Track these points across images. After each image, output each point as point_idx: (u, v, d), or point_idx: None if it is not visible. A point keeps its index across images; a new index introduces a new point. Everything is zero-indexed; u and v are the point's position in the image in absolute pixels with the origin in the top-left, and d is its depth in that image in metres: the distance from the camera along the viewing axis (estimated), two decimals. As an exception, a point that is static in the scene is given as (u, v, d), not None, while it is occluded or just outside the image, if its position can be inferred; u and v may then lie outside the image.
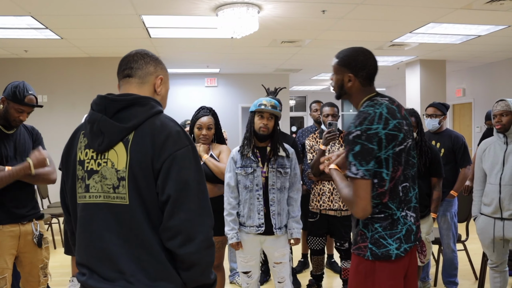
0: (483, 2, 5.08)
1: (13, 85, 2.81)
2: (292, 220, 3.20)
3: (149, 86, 1.68)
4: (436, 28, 6.37)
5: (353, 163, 1.97)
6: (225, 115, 10.12)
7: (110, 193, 1.54)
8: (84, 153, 1.61)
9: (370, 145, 1.96)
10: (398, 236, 2.05)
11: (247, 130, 3.18)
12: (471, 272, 4.65)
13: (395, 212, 2.06)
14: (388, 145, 1.99)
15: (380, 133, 1.98)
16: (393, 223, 2.05)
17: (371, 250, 2.06)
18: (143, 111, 1.56)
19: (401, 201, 2.07)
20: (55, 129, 7.17)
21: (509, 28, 6.37)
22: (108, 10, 5.27)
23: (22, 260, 2.91)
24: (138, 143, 1.52)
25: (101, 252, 1.54)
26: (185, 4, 5.11)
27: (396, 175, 2.04)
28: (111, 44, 7.27)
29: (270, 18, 5.69)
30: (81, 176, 1.60)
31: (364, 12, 5.45)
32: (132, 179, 1.51)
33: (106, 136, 1.54)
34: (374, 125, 1.98)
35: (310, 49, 7.83)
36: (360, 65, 2.13)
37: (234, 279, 4.56)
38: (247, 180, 3.10)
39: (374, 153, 1.97)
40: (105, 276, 1.53)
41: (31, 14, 5.36)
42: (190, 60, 9.19)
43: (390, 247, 2.05)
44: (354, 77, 2.12)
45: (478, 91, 10.08)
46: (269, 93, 4.51)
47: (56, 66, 8.22)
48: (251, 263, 3.19)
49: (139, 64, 1.67)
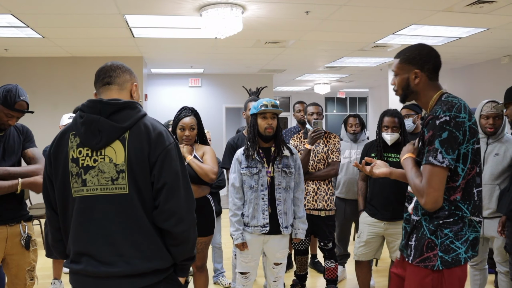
0: (464, 4, 5.16)
1: (5, 88, 2.73)
2: (299, 221, 3.24)
3: (126, 92, 1.91)
4: (418, 30, 6.45)
5: (439, 150, 1.85)
6: (209, 116, 10.10)
7: (108, 185, 1.75)
8: (78, 151, 1.79)
9: (458, 133, 1.86)
10: (465, 239, 1.93)
11: (250, 133, 3.18)
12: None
13: (467, 215, 1.95)
14: (470, 138, 1.91)
15: (466, 124, 1.89)
16: (464, 226, 1.94)
17: (442, 258, 1.92)
18: (133, 113, 1.80)
19: (475, 206, 1.96)
20: (37, 129, 7.00)
21: (488, 31, 6.48)
22: (91, 9, 5.21)
23: (9, 262, 2.85)
24: (134, 140, 1.76)
25: (102, 239, 1.74)
26: (169, 4, 5.08)
27: (471, 174, 1.94)
28: (94, 44, 7.20)
29: (254, 19, 5.70)
30: (76, 172, 1.78)
31: (348, 13, 5.49)
32: (130, 171, 1.75)
33: (104, 135, 1.75)
34: (462, 113, 1.89)
35: (294, 50, 7.86)
36: (424, 58, 2.02)
37: (218, 279, 4.56)
38: (252, 180, 3.11)
39: (459, 143, 1.87)
40: (106, 260, 1.73)
41: (11, 12, 5.27)
42: (173, 60, 9.14)
43: (459, 251, 1.92)
44: (421, 72, 2.03)
45: (459, 92, 10.21)
46: (251, 94, 4.52)
47: (37, 65, 8.11)
48: (251, 263, 3.20)
49: (117, 73, 1.90)
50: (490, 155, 3.30)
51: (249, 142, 3.18)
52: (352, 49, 7.93)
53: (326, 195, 3.86)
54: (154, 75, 10.65)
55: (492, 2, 5.05)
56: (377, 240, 3.69)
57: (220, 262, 4.64)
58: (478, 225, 1.98)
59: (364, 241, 3.65)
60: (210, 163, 3.29)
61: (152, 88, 10.45)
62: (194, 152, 3.37)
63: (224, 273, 4.63)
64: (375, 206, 3.65)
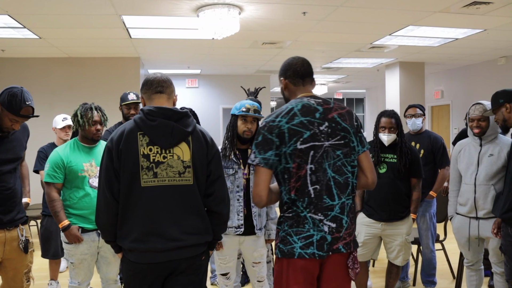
0: (460, 6, 5.17)
1: (10, 92, 2.60)
2: (271, 222, 3.27)
3: (171, 101, 2.33)
4: (415, 31, 6.46)
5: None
6: (206, 116, 10.08)
7: (176, 177, 2.20)
8: (148, 149, 2.19)
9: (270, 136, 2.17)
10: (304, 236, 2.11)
11: (229, 132, 3.18)
12: (449, 271, 4.72)
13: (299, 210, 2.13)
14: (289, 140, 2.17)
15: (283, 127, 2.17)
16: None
17: (279, 247, 2.15)
18: (191, 121, 2.27)
19: (311, 202, 2.11)
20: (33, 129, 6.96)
21: (484, 32, 6.50)
22: (88, 9, 5.21)
23: (6, 265, 2.81)
24: (196, 142, 2.25)
25: (171, 219, 2.18)
26: (166, 5, 5.08)
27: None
28: (91, 44, 7.19)
29: (251, 20, 5.70)
30: (147, 166, 2.17)
31: (344, 14, 5.50)
32: (194, 167, 2.23)
33: (175, 137, 2.20)
34: (278, 118, 2.19)
35: (291, 51, 7.86)
36: (285, 67, 2.42)
37: (215, 280, 4.55)
38: (228, 181, 3.10)
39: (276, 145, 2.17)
40: (173, 237, 2.17)
41: (8, 13, 5.26)
42: (171, 61, 9.14)
43: (294, 245, 2.11)
44: (284, 80, 2.38)
45: (456, 93, 10.26)
46: (249, 94, 4.51)
47: (34, 66, 8.08)
48: (229, 264, 3.20)
49: (167, 84, 2.31)
50: (484, 156, 3.32)
51: (226, 142, 3.17)
52: (349, 50, 7.95)
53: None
54: (151, 75, 10.62)
55: (488, 3, 5.06)
56: (374, 241, 3.69)
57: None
58: (320, 223, 2.12)
59: (362, 241, 3.65)
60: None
61: (149, 89, 10.41)
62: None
63: (221, 274, 4.62)
64: (372, 206, 3.65)
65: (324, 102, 2.22)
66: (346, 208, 2.17)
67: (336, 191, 2.14)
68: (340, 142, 2.17)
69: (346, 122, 2.21)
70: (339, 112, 2.22)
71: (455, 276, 4.52)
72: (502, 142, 3.32)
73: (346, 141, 2.19)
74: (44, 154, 4.17)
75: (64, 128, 4.26)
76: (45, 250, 4.23)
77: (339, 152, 2.16)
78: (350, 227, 2.18)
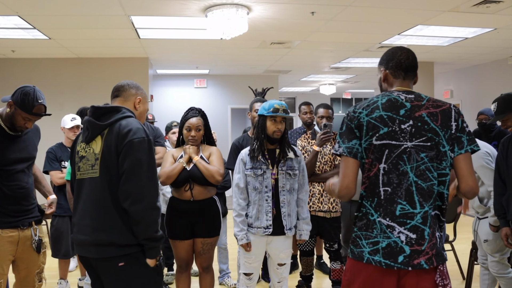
0: (470, 4, 5.13)
1: (23, 91, 2.63)
2: (303, 222, 3.24)
3: (130, 103, 2.43)
4: (424, 30, 6.43)
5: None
6: (214, 116, 10.09)
7: (89, 170, 2.26)
8: (80, 146, 2.37)
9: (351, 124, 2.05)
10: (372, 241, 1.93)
11: (258, 133, 3.15)
12: (459, 272, 4.69)
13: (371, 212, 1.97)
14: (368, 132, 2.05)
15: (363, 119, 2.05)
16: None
17: (351, 249, 2.01)
18: (117, 115, 2.27)
19: (380, 204, 1.94)
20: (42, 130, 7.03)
21: (495, 31, 6.45)
22: (96, 10, 5.24)
23: (18, 265, 2.82)
24: (110, 135, 2.23)
25: (82, 213, 2.26)
26: (175, 5, 5.10)
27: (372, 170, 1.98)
28: (100, 45, 7.23)
29: (260, 20, 5.70)
30: (76, 161, 2.36)
31: (353, 14, 5.48)
32: (103, 159, 2.22)
33: (91, 131, 2.29)
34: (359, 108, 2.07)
35: (299, 51, 7.85)
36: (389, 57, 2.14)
37: (224, 280, 4.56)
38: (257, 181, 3.11)
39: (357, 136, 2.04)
40: (81, 230, 2.25)
41: (18, 14, 5.31)
42: (179, 61, 9.16)
43: (363, 249, 1.94)
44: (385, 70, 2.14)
45: (465, 93, 10.19)
46: (257, 94, 4.51)
47: (43, 66, 8.15)
48: (255, 264, 3.21)
49: (124, 89, 2.44)
50: None
51: (255, 143, 3.16)
52: (357, 50, 7.92)
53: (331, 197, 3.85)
54: (160, 76, 10.67)
55: (499, 2, 5.02)
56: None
57: (225, 263, 4.63)
58: (388, 230, 1.91)
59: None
60: (217, 164, 3.29)
61: (158, 89, 10.46)
62: (201, 153, 3.37)
63: (230, 274, 4.62)
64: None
65: (416, 98, 1.99)
66: (428, 218, 1.90)
67: (418, 197, 1.90)
68: (426, 144, 1.92)
69: (437, 123, 1.94)
70: (430, 111, 1.95)
71: (465, 277, 4.49)
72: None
73: (433, 144, 1.92)
74: (53, 155, 4.20)
75: (73, 128, 4.28)
76: (56, 250, 4.25)
77: (423, 154, 1.91)
78: (431, 239, 1.91)
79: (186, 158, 3.30)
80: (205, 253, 3.36)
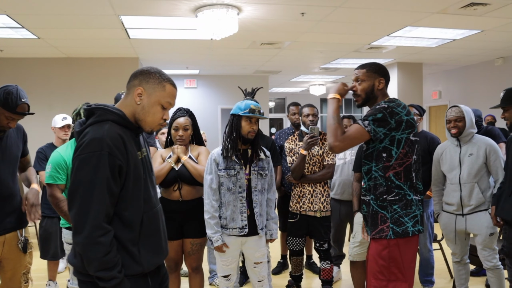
0: (458, 7, 5.19)
1: (5, 90, 2.61)
2: (272, 221, 3.28)
3: (131, 97, 1.96)
4: (413, 32, 6.48)
5: (369, 122, 2.49)
6: (204, 117, 10.09)
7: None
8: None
9: (390, 119, 2.46)
10: (412, 215, 2.48)
11: (232, 132, 3.13)
12: (447, 270, 4.74)
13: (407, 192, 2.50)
14: (406, 129, 2.52)
15: (403, 117, 2.47)
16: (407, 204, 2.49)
17: (393, 229, 2.44)
18: (89, 120, 1.88)
19: (412, 186, 2.49)
20: (32, 130, 6.96)
21: (482, 33, 6.52)
22: (86, 10, 5.21)
23: (4, 265, 2.78)
24: (73, 146, 2.02)
25: None
26: (165, 5, 5.09)
27: (408, 160, 2.51)
28: (90, 45, 7.19)
29: (250, 20, 5.71)
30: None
31: (343, 15, 5.51)
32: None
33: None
34: (399, 108, 2.48)
35: (289, 51, 7.88)
36: (385, 71, 2.70)
37: (214, 280, 4.56)
38: (230, 182, 3.10)
39: (390, 128, 2.45)
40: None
41: (6, 13, 5.26)
42: (169, 61, 9.14)
43: (407, 225, 2.45)
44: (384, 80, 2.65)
45: (454, 94, 10.28)
46: (247, 94, 4.51)
47: (33, 66, 8.08)
48: (232, 265, 3.21)
49: (130, 79, 1.98)
50: (465, 156, 3.52)
51: (228, 143, 3.14)
52: (347, 51, 7.96)
53: (322, 197, 3.88)
54: (150, 76, 10.62)
55: (486, 4, 5.08)
56: (371, 241, 3.73)
57: (215, 263, 4.63)
58: (419, 203, 2.53)
59: (359, 241, 3.67)
60: (205, 164, 3.29)
61: (148, 89, 10.40)
62: (189, 153, 3.38)
63: (220, 274, 4.62)
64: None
65: None
66: None
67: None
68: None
69: None
70: None
71: (452, 275, 4.53)
72: (479, 141, 3.51)
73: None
74: (43, 155, 4.17)
75: (64, 128, 4.25)
76: (44, 251, 4.23)
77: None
78: None
79: (174, 158, 3.31)
80: (194, 253, 3.37)
